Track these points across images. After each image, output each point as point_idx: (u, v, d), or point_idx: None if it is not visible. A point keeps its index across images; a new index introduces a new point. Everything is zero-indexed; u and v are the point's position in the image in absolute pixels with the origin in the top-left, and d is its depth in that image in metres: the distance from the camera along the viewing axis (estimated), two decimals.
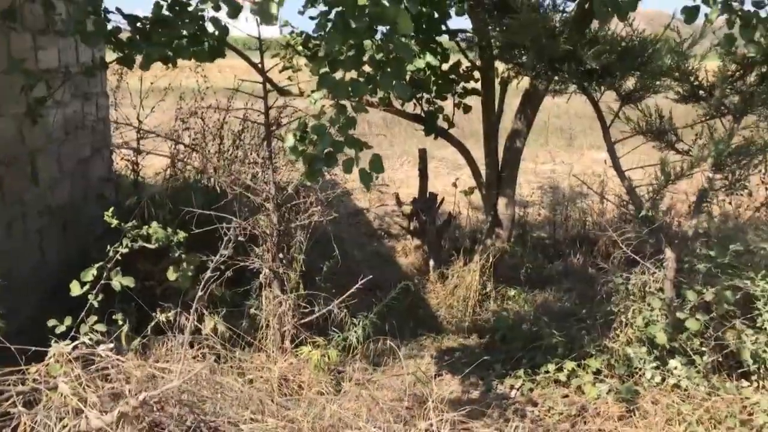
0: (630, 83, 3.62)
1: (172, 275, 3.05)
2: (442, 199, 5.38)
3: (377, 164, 3.04)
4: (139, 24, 3.42)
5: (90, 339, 2.41)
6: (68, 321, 2.52)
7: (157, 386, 2.18)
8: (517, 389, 3.88)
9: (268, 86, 3.53)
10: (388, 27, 2.44)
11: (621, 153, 4.00)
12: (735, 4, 3.27)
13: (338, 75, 2.76)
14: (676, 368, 3.21)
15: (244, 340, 3.33)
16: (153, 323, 2.96)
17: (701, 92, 3.58)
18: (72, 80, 4.67)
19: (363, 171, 2.92)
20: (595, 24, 3.75)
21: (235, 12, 2.93)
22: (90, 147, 5.48)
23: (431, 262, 5.31)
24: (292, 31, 5.13)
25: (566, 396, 3.75)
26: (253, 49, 3.73)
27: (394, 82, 2.48)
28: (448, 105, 4.92)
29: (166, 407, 2.22)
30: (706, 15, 3.18)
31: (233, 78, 6.18)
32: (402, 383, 3.36)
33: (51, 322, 2.52)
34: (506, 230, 5.13)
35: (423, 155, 5.37)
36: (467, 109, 4.78)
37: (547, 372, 3.85)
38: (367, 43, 2.64)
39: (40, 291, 4.11)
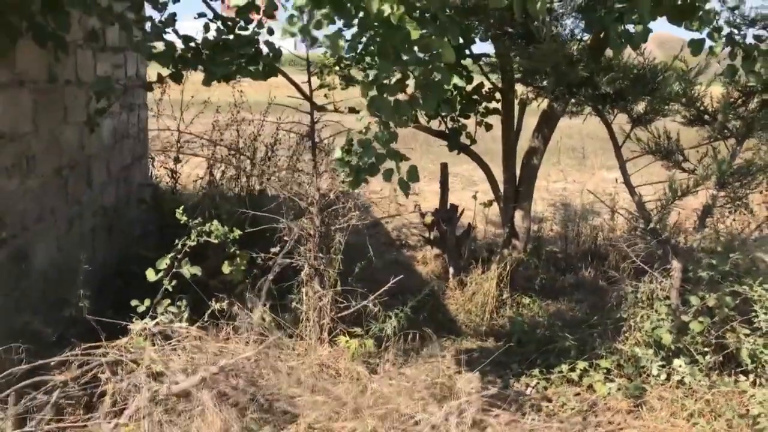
0: (641, 107, 3.98)
1: (226, 269, 3.41)
2: (462, 211, 5.74)
3: (413, 174, 3.42)
4: (192, 44, 3.83)
5: (165, 318, 2.76)
6: (147, 302, 2.89)
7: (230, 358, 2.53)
8: (533, 387, 4.17)
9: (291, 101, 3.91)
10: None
11: (631, 171, 4.36)
12: (737, 38, 3.65)
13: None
14: (680, 366, 3.52)
15: (286, 330, 3.67)
16: (209, 311, 3.30)
17: (706, 116, 3.93)
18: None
19: (401, 180, 3.29)
20: (609, 52, 4.12)
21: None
22: (131, 155, 5.90)
23: (451, 270, 5.65)
24: (325, 52, 5.53)
25: (578, 393, 4.03)
26: (294, 66, 4.11)
27: (437, 102, 2.84)
28: (470, 123, 5.30)
29: (231, 379, 2.57)
30: (711, 47, 3.55)
31: (268, 93, 6.63)
32: (428, 375, 3.69)
33: (133, 302, 2.89)
34: (522, 242, 5.47)
35: (444, 169, 5.74)
36: (489, 127, 5.15)
37: (560, 372, 4.13)
38: None
39: (89, 287, 4.49)
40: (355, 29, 2.99)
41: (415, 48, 2.63)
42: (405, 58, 2.58)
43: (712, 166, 3.89)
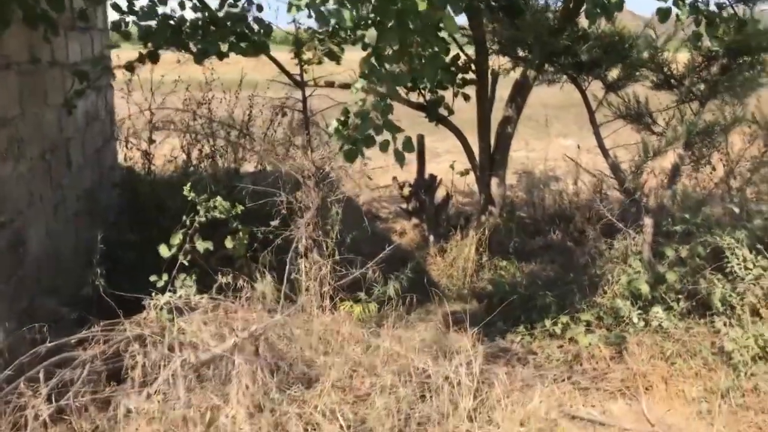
0: (614, 73, 4.21)
1: (229, 243, 3.49)
2: (440, 180, 5.92)
3: (408, 144, 3.57)
4: (172, 22, 3.85)
5: (183, 292, 2.85)
6: (165, 276, 2.96)
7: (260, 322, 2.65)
8: (518, 342, 4.41)
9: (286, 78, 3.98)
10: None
11: (602, 136, 4.62)
12: (701, 5, 3.90)
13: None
14: (658, 313, 3.81)
15: (288, 300, 3.79)
16: (216, 284, 3.38)
17: (673, 81, 4.20)
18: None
19: (397, 150, 3.43)
20: (582, 22, 4.33)
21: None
22: (102, 137, 5.82)
23: (431, 238, 5.85)
24: (300, 27, 5.57)
25: (561, 346, 4.28)
26: (282, 44, 4.17)
27: (436, 72, 2.98)
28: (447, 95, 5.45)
29: (259, 344, 2.69)
30: (677, 15, 3.79)
31: (241, 71, 6.62)
32: (425, 335, 3.88)
33: (152, 278, 2.97)
34: (498, 207, 5.70)
35: (421, 140, 5.90)
36: (467, 97, 5.32)
37: (543, 327, 4.37)
38: None
39: (76, 272, 4.47)
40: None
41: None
42: (411, 27, 2.69)
43: (679, 127, 4.17)
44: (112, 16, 4.81)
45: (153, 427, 2.42)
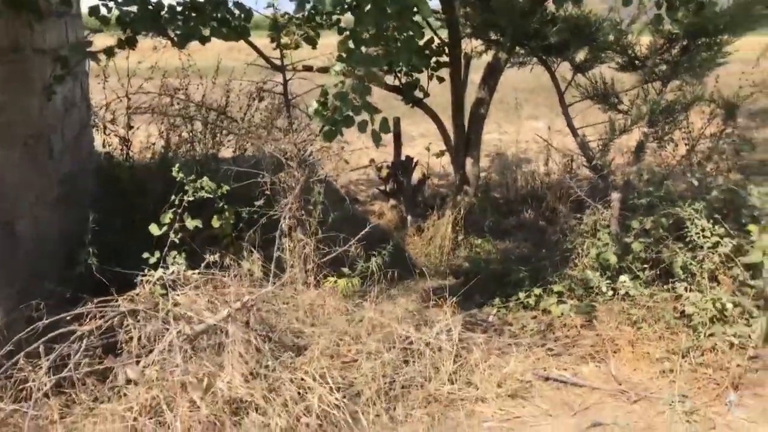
0: (581, 55, 4.40)
1: (216, 223, 3.61)
2: (417, 162, 6.08)
3: (384, 125, 3.72)
4: (150, 7, 3.92)
5: (175, 268, 2.97)
6: (157, 254, 3.08)
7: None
8: (494, 315, 4.62)
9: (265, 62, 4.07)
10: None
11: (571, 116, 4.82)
12: None
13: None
14: (624, 282, 4.04)
15: (275, 276, 3.92)
16: (204, 263, 3.50)
17: (637, 62, 4.41)
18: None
19: (374, 131, 3.58)
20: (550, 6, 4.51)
21: None
22: (79, 124, 5.85)
23: (409, 218, 6.02)
24: (276, 11, 5.65)
25: (535, 317, 4.49)
26: (259, 29, 4.26)
27: (411, 55, 3.13)
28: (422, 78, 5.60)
29: (251, 315, 2.83)
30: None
31: (216, 56, 6.67)
32: (406, 308, 4.06)
33: (145, 255, 3.08)
34: (473, 187, 5.89)
35: (397, 122, 6.04)
36: (441, 80, 5.47)
37: (517, 299, 4.58)
38: None
39: (61, 255, 4.52)
40: None
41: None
42: (388, 11, 2.82)
43: (643, 106, 4.39)
44: (86, 1, 4.85)
45: (152, 393, 2.55)
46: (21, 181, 3.87)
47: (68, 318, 2.92)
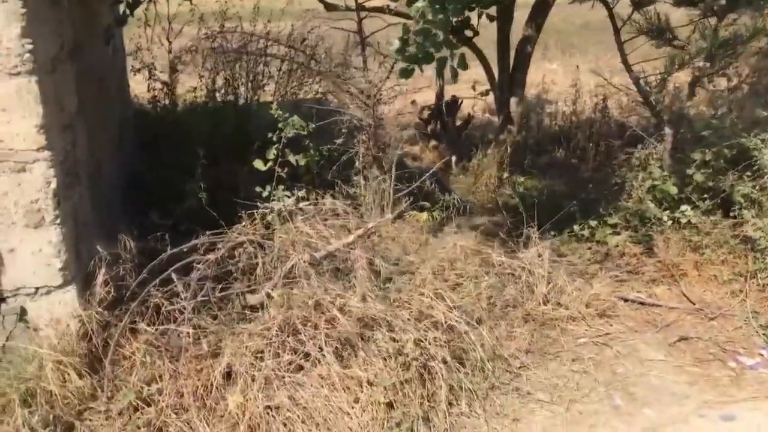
0: None
1: (302, 160, 3.72)
2: (462, 101, 6.17)
3: (462, 62, 3.82)
4: None
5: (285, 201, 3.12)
6: (268, 188, 3.22)
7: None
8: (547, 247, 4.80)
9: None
10: None
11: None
12: None
13: None
14: (686, 211, 4.23)
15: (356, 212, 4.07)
16: (294, 197, 3.64)
17: None
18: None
19: (453, 68, 3.69)
20: None
21: None
22: (121, 69, 5.88)
23: (454, 158, 6.14)
24: None
25: (590, 248, 4.68)
26: None
27: None
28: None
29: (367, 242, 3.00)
30: None
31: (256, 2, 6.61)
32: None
33: (258, 188, 3.22)
34: (517, 125, 6.00)
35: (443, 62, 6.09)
36: (492, 18, 5.50)
37: (571, 231, 4.75)
38: None
39: (120, 191, 4.61)
40: None
41: None
42: None
43: (700, 41, 4.48)
44: None
45: (289, 313, 2.72)
46: (102, 121, 3.96)
47: (185, 249, 3.06)
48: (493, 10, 5.58)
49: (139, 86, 6.40)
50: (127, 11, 4.38)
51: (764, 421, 2.67)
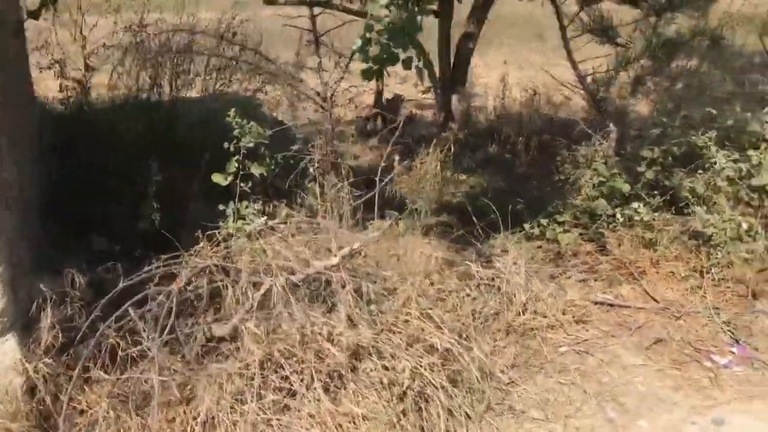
0: None
1: (257, 170, 3.43)
2: (404, 99, 6.01)
3: (426, 62, 3.65)
4: None
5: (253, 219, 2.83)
6: (231, 205, 2.90)
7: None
8: (497, 247, 4.75)
9: None
10: None
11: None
12: None
13: None
14: (638, 208, 4.29)
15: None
16: (245, 210, 3.34)
17: None
18: None
19: (418, 68, 3.52)
20: None
21: None
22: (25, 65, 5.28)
23: (396, 157, 5.97)
24: None
25: (540, 246, 4.67)
26: None
27: None
28: None
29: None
30: None
31: None
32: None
33: (221, 207, 2.90)
34: (458, 123, 5.93)
35: None
36: (437, 14, 5.37)
37: (521, 230, 4.72)
38: None
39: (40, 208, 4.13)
40: None
41: None
42: None
43: (640, 39, 4.57)
44: None
45: (272, 348, 2.46)
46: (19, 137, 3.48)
47: (140, 279, 2.72)
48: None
49: (45, 83, 5.78)
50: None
51: (753, 423, 2.71)
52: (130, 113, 5.41)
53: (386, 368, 2.53)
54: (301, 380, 2.44)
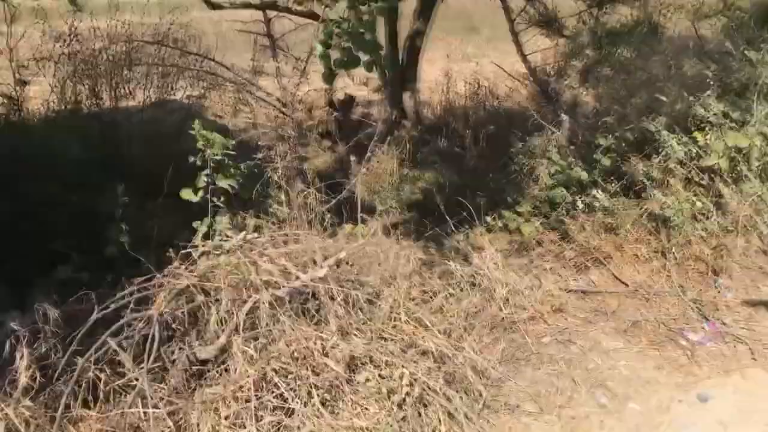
0: None
1: (223, 181, 3.30)
2: (356, 99, 5.95)
3: (389, 63, 3.62)
4: None
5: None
6: (207, 221, 2.77)
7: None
8: (464, 240, 4.78)
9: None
10: None
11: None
12: None
13: None
14: (597, 195, 4.41)
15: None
16: (220, 225, 3.23)
17: None
18: None
19: (381, 70, 3.49)
20: None
21: None
22: None
23: (352, 157, 5.91)
24: None
25: (504, 239, 4.74)
26: None
27: None
28: None
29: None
30: None
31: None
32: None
33: (195, 224, 2.76)
34: (411, 120, 5.93)
35: None
36: (381, 12, 5.31)
37: (485, 223, 4.78)
38: None
39: None
40: None
41: None
42: None
43: (585, 30, 4.68)
44: None
45: (259, 366, 2.38)
46: None
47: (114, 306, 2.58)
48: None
49: None
50: None
51: (735, 396, 2.82)
52: (66, 129, 5.14)
53: (382, 377, 2.48)
54: (298, 397, 2.37)
